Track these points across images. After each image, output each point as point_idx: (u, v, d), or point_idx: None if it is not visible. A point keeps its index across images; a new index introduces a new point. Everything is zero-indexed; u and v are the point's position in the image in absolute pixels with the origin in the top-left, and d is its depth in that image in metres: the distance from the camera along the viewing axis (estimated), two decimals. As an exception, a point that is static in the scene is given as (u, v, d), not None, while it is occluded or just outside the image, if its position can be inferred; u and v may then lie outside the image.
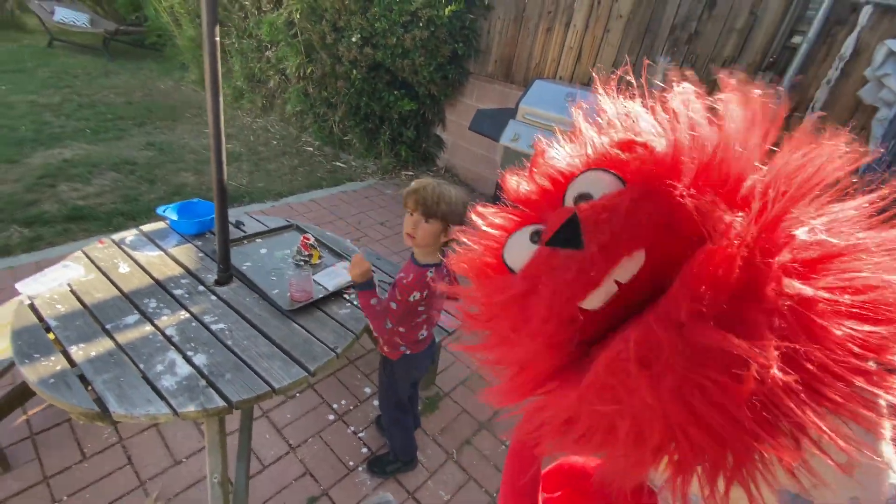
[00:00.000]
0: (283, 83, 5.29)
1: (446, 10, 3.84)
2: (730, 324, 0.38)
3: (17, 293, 1.46)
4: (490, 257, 0.57)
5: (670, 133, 0.50)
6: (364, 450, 1.94)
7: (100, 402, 1.13)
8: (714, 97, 0.49)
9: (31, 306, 1.40)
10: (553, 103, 3.16)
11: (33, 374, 1.18)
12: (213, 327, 1.43)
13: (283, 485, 1.75)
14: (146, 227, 1.90)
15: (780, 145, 0.46)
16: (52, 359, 1.23)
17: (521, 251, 0.53)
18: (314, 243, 1.88)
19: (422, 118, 4.69)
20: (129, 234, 1.83)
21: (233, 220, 1.91)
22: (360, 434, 2.00)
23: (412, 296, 1.39)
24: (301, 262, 1.80)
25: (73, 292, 1.48)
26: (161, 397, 1.16)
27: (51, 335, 1.31)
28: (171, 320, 1.43)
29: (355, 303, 1.63)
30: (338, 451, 1.91)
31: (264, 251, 1.86)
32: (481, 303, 0.57)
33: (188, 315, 1.46)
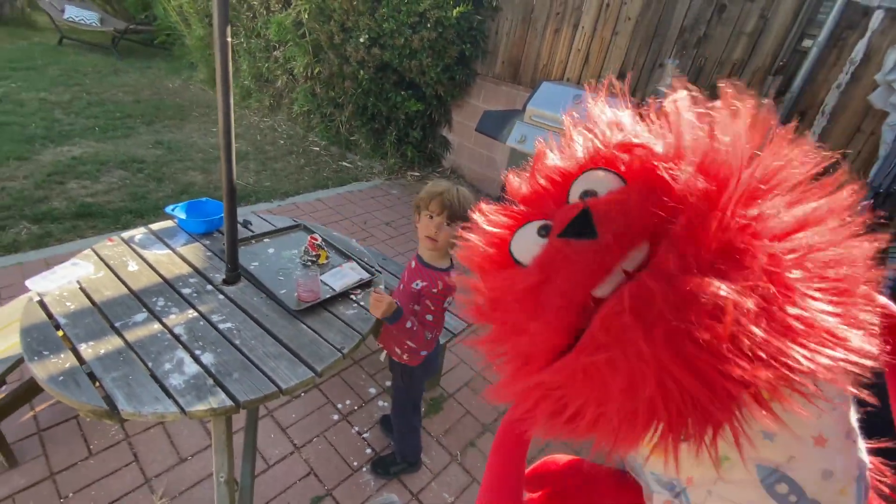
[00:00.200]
0: (291, 83, 5.30)
1: (454, 12, 3.84)
2: (712, 276, 0.44)
3: (27, 290, 1.47)
4: (497, 252, 0.60)
5: (668, 136, 0.54)
6: (368, 450, 1.94)
7: (108, 399, 1.13)
8: (710, 105, 0.54)
9: (40, 303, 1.40)
10: (560, 105, 3.15)
11: (42, 370, 1.18)
12: (221, 326, 1.43)
13: (288, 484, 1.75)
14: (155, 226, 1.90)
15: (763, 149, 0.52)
16: (62, 356, 1.23)
17: (529, 245, 0.56)
18: (322, 243, 1.88)
19: (428, 119, 4.69)
20: (137, 233, 1.84)
21: (240, 219, 1.92)
22: (365, 434, 2.00)
23: (447, 301, 1.47)
24: (308, 263, 1.80)
25: (82, 290, 1.49)
26: (169, 396, 1.17)
27: (60, 332, 1.32)
28: (179, 319, 1.44)
29: (362, 303, 1.63)
30: (342, 451, 1.91)
31: (272, 251, 1.87)
32: (493, 296, 0.59)
33: (196, 314, 1.47)
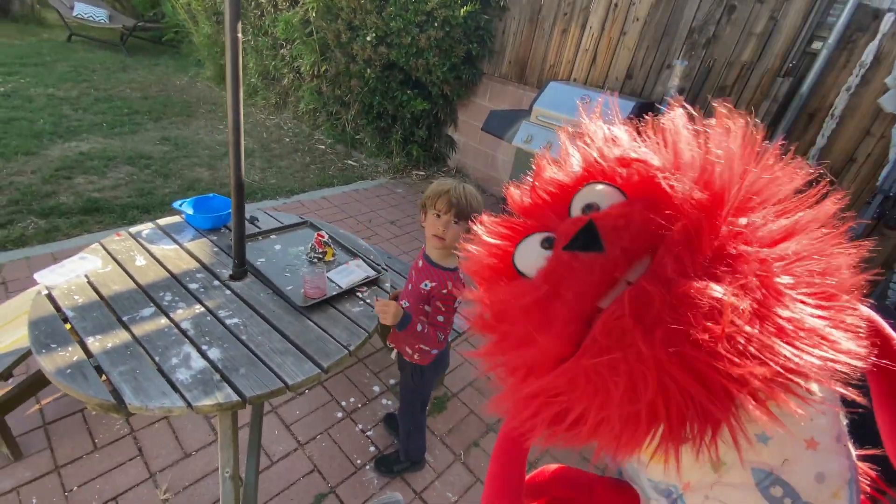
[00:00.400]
0: (297, 81, 5.31)
1: (462, 11, 3.83)
2: (708, 279, 0.46)
3: (35, 283, 1.48)
4: (501, 263, 0.60)
5: (665, 152, 0.56)
6: (371, 448, 1.94)
7: (115, 393, 1.13)
8: (705, 124, 0.57)
9: (48, 296, 1.41)
10: (567, 105, 3.14)
11: (50, 363, 1.19)
12: (228, 322, 1.43)
13: (292, 481, 1.76)
14: (162, 221, 1.91)
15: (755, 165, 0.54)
16: (69, 349, 1.24)
17: (533, 257, 0.56)
18: (328, 241, 1.88)
19: (434, 118, 4.69)
20: (145, 228, 1.85)
21: (247, 215, 1.92)
22: (368, 432, 2.00)
23: (457, 301, 1.45)
24: (315, 259, 1.81)
25: (90, 284, 1.49)
26: (176, 390, 1.17)
27: (68, 326, 1.32)
28: (186, 314, 1.44)
29: (368, 301, 1.63)
30: (346, 448, 1.91)
31: (278, 247, 1.87)
32: (498, 307, 0.59)
33: (203, 309, 1.47)
